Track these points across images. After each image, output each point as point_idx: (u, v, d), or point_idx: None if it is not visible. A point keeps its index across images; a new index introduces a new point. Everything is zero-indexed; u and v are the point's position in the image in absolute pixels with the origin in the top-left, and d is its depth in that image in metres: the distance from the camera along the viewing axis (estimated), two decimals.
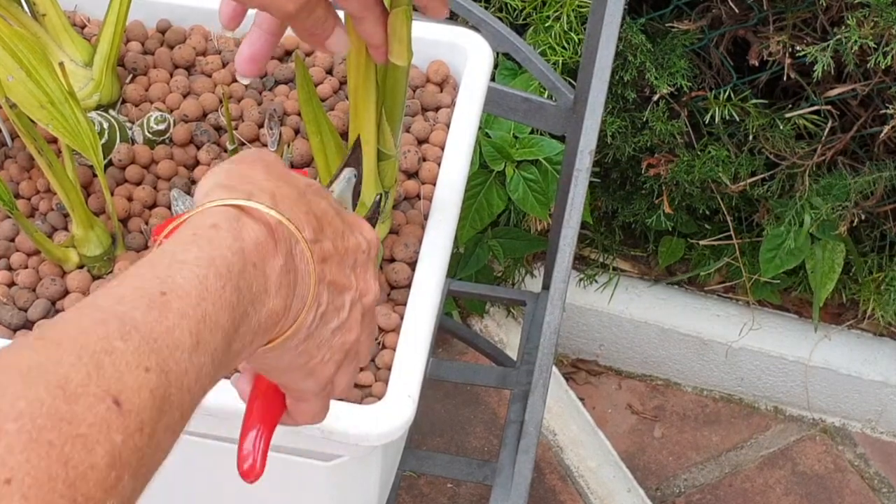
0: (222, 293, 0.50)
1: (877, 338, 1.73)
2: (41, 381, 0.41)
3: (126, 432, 0.43)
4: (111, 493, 0.42)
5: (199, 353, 0.48)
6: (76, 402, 0.42)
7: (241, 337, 0.51)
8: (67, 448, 0.40)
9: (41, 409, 0.41)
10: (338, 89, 0.95)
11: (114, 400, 0.43)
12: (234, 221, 0.53)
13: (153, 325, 0.46)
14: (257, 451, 0.62)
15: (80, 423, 0.41)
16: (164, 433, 0.45)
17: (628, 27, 1.47)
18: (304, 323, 0.56)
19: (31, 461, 0.39)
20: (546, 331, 1.03)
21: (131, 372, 0.44)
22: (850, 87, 1.48)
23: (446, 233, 0.84)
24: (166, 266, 0.49)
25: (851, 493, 1.67)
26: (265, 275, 0.53)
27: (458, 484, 1.65)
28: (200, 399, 0.49)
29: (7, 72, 0.75)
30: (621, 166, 1.67)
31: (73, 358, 0.43)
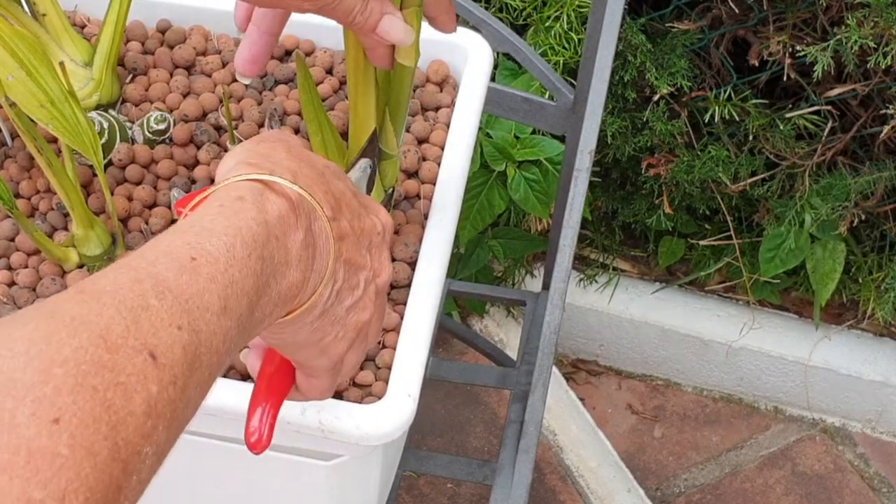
0: (248, 261, 0.52)
1: (877, 338, 1.73)
2: (84, 330, 0.43)
3: (161, 384, 0.45)
4: (148, 440, 0.44)
5: (226, 316, 0.50)
6: (116, 352, 0.44)
7: (263, 306, 0.53)
8: (109, 394, 0.42)
9: (85, 356, 0.43)
10: (338, 89, 0.95)
11: (150, 353, 0.45)
12: (259, 195, 0.55)
13: (184, 287, 0.48)
14: (264, 425, 0.64)
15: (120, 372, 0.43)
16: (194, 389, 0.47)
17: (628, 27, 1.47)
18: (321, 298, 0.58)
19: (77, 403, 0.41)
20: (546, 331, 1.03)
21: (165, 329, 0.46)
22: (851, 88, 1.48)
23: (446, 232, 0.84)
24: (195, 233, 0.51)
25: (851, 493, 1.67)
26: (286, 248, 0.55)
27: (458, 484, 1.65)
28: (227, 362, 0.51)
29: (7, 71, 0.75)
30: (621, 166, 1.67)
31: (113, 311, 0.45)
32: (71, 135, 0.78)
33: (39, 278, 0.83)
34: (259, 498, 0.88)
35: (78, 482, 0.40)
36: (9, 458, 0.39)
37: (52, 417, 0.41)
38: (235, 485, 0.88)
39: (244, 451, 0.81)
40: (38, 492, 0.39)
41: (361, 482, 0.86)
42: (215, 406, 0.76)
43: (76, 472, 0.40)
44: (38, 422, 0.40)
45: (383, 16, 0.68)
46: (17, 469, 0.39)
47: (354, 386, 0.79)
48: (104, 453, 0.42)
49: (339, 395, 0.79)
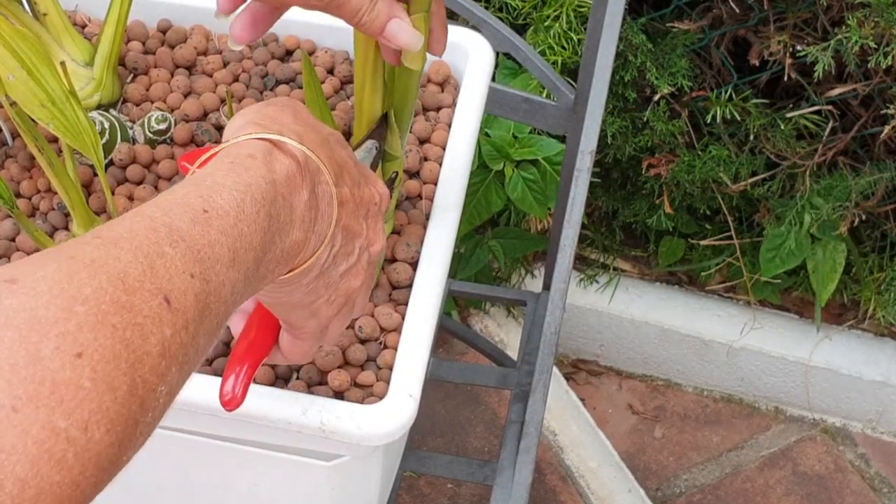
0: (257, 217, 0.53)
1: (878, 338, 1.73)
2: (103, 272, 0.45)
3: (174, 328, 0.46)
4: (162, 379, 0.46)
5: (234, 269, 0.52)
6: (134, 294, 0.45)
7: (267, 262, 0.55)
8: (128, 333, 0.44)
9: (105, 296, 0.44)
10: (339, 89, 0.95)
11: (165, 297, 0.46)
12: (268, 154, 0.57)
13: (197, 238, 0.50)
14: (237, 388, 0.66)
15: (137, 313, 0.45)
16: (203, 336, 0.49)
17: (629, 27, 1.47)
18: (320, 259, 0.60)
19: (98, 339, 0.43)
20: (546, 331, 1.03)
21: (179, 276, 0.48)
22: (851, 87, 1.48)
23: (448, 233, 0.84)
24: (208, 187, 0.53)
25: (852, 493, 1.67)
26: (291, 206, 0.57)
27: (458, 484, 1.65)
28: (232, 311, 0.53)
29: (8, 71, 0.75)
30: (622, 166, 1.67)
31: (130, 256, 0.46)
32: (72, 134, 0.78)
33: None
34: (259, 498, 0.88)
35: (100, 414, 0.42)
36: (35, 388, 0.40)
37: (76, 352, 0.42)
38: (235, 485, 0.88)
39: (245, 451, 0.81)
40: (62, 420, 0.41)
41: (362, 482, 0.86)
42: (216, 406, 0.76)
43: (98, 405, 0.42)
44: (62, 355, 0.42)
45: (391, 18, 0.68)
46: (42, 399, 0.40)
47: (356, 386, 0.79)
48: (123, 388, 0.43)
49: (341, 396, 0.79)
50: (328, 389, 0.79)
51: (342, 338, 0.81)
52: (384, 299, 0.83)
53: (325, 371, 0.80)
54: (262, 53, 0.97)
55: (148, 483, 0.91)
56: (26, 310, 0.42)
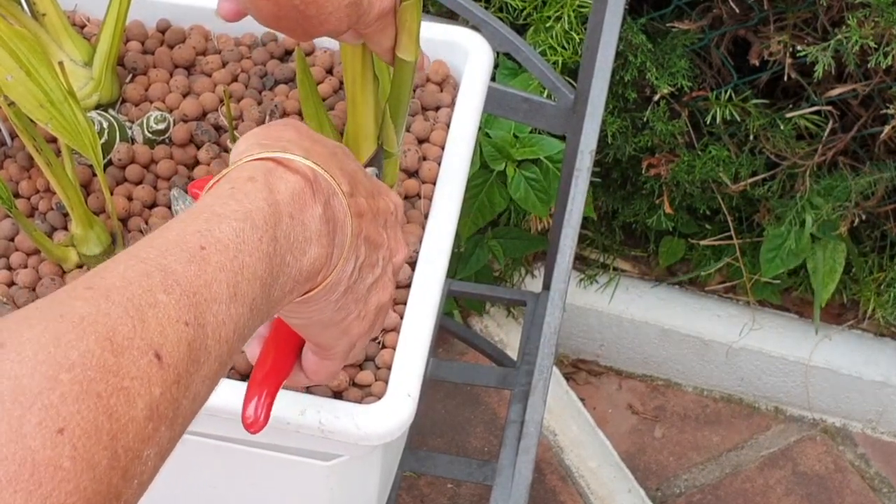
0: (259, 245, 0.52)
1: (877, 338, 1.73)
2: (92, 332, 0.44)
3: (164, 385, 0.45)
4: (149, 443, 0.44)
5: (236, 304, 0.50)
6: (122, 354, 0.44)
7: (281, 286, 0.54)
8: (113, 401, 0.43)
9: (91, 360, 0.43)
10: (338, 89, 0.95)
11: (155, 354, 0.45)
12: (269, 174, 0.55)
13: (193, 280, 0.48)
14: (260, 412, 0.66)
15: (124, 376, 0.44)
16: (200, 384, 0.48)
17: (629, 27, 1.47)
18: (345, 273, 0.59)
19: (81, 412, 0.42)
20: (546, 331, 1.03)
21: (172, 326, 0.46)
22: (851, 88, 1.48)
23: (447, 232, 0.84)
24: (205, 220, 0.52)
25: (852, 493, 1.67)
26: (304, 224, 0.55)
27: (458, 484, 1.65)
28: (240, 346, 0.51)
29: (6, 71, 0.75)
30: (622, 166, 1.67)
31: (121, 310, 0.45)
32: (70, 134, 0.78)
33: (39, 278, 0.83)
34: (259, 498, 0.88)
35: (76, 495, 0.41)
36: (15, 469, 0.40)
37: (58, 427, 0.41)
38: (235, 485, 0.88)
39: (244, 451, 0.81)
40: None
41: (361, 482, 0.86)
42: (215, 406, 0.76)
43: (75, 485, 0.41)
44: (44, 432, 0.41)
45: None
46: (21, 482, 0.40)
47: (354, 386, 0.79)
48: (103, 463, 0.42)
49: (339, 395, 0.79)
50: (326, 389, 0.79)
51: None
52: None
53: None
54: (260, 53, 0.97)
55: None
56: (11, 378, 0.41)
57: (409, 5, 0.70)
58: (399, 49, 0.72)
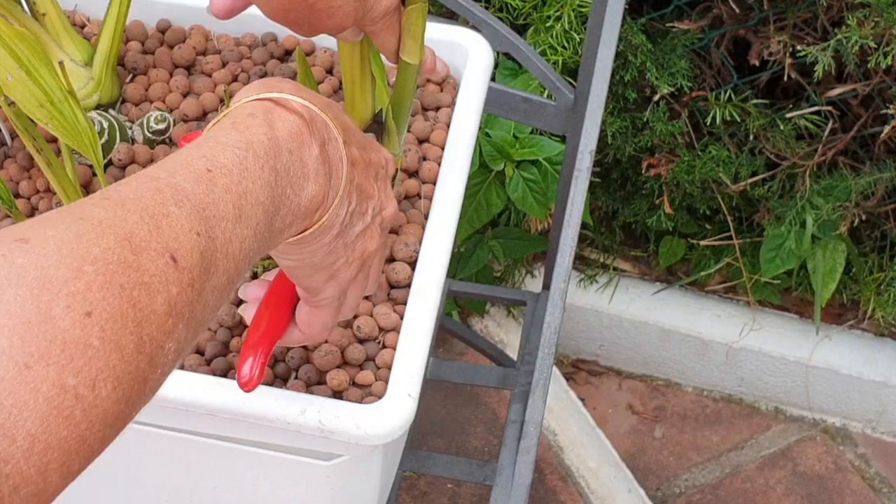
0: (261, 173, 0.55)
1: (877, 338, 1.73)
2: (111, 232, 0.46)
3: (180, 286, 0.48)
4: (170, 336, 0.47)
5: (241, 225, 0.53)
6: (141, 253, 0.47)
7: (282, 217, 0.57)
8: (135, 293, 0.45)
9: (112, 256, 0.45)
10: (338, 89, 0.95)
11: (171, 256, 0.48)
12: (269, 112, 0.58)
13: (201, 197, 0.51)
14: (254, 370, 0.67)
15: (144, 273, 0.46)
16: (210, 293, 0.51)
17: (629, 27, 1.47)
18: (339, 216, 0.61)
19: (106, 299, 0.44)
20: (546, 331, 1.03)
21: (185, 234, 0.49)
22: (851, 87, 1.48)
23: (447, 232, 0.84)
24: (209, 147, 0.54)
25: (852, 493, 1.67)
26: (302, 160, 0.58)
27: (458, 484, 1.65)
28: (245, 268, 0.54)
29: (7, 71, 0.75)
30: (622, 166, 1.67)
31: (137, 217, 0.48)
32: (70, 134, 0.78)
33: None
34: (259, 498, 0.88)
35: (107, 372, 0.44)
36: (46, 346, 0.42)
37: (85, 311, 0.43)
38: (235, 485, 0.88)
39: (244, 451, 0.81)
40: (71, 378, 0.42)
41: (361, 482, 0.86)
42: (216, 406, 0.76)
43: (105, 363, 0.44)
44: (72, 314, 0.43)
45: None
46: (53, 357, 0.42)
47: (354, 386, 0.79)
48: (131, 346, 0.45)
49: (340, 395, 0.79)
50: (327, 389, 0.79)
51: (341, 337, 0.81)
52: (383, 299, 0.83)
53: (324, 371, 0.80)
54: (261, 53, 0.97)
55: (148, 483, 0.91)
56: (37, 269, 0.43)
57: (415, 9, 0.70)
58: (403, 52, 0.72)
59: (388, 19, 0.70)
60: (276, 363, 0.81)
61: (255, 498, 0.89)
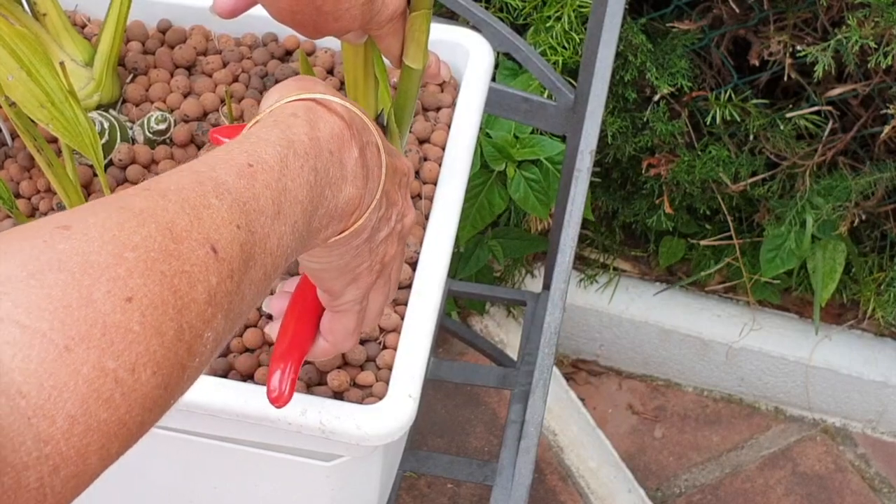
0: (301, 172, 0.55)
1: (878, 338, 1.73)
2: (152, 221, 0.46)
3: (220, 276, 0.48)
4: (209, 325, 0.47)
5: (279, 221, 0.53)
6: (181, 242, 0.47)
7: (320, 218, 0.57)
8: (176, 280, 0.46)
9: (153, 244, 0.46)
10: (339, 89, 0.95)
11: (211, 247, 0.48)
12: (311, 112, 0.58)
13: (242, 191, 0.51)
14: (284, 384, 0.67)
15: (185, 262, 0.47)
16: (248, 286, 0.51)
17: (629, 27, 1.47)
18: (371, 220, 0.61)
19: (147, 286, 0.45)
20: (546, 331, 1.03)
21: (225, 226, 0.49)
22: (851, 87, 1.48)
23: (447, 233, 0.84)
24: (252, 143, 0.55)
25: (852, 493, 1.67)
26: (342, 162, 0.58)
27: (458, 484, 1.65)
28: (282, 265, 0.54)
29: (7, 71, 0.75)
30: (622, 166, 1.67)
31: (177, 207, 0.48)
32: (71, 135, 0.78)
33: None
34: (259, 498, 0.88)
35: (147, 356, 0.44)
36: (87, 329, 0.42)
37: (126, 296, 0.44)
38: (235, 485, 0.88)
39: (245, 451, 0.81)
40: (111, 362, 0.42)
41: (362, 482, 0.86)
42: (216, 406, 0.76)
43: (146, 347, 0.44)
44: (113, 299, 0.43)
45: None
46: (93, 340, 0.42)
47: (355, 386, 0.79)
48: (170, 333, 0.45)
49: (340, 396, 0.79)
50: (327, 389, 0.79)
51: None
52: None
53: (325, 371, 0.80)
54: (261, 53, 0.97)
55: (148, 483, 0.91)
56: (79, 254, 0.44)
57: (419, 15, 0.70)
58: (407, 57, 0.72)
59: (394, 24, 0.70)
60: None
61: (255, 498, 0.89)
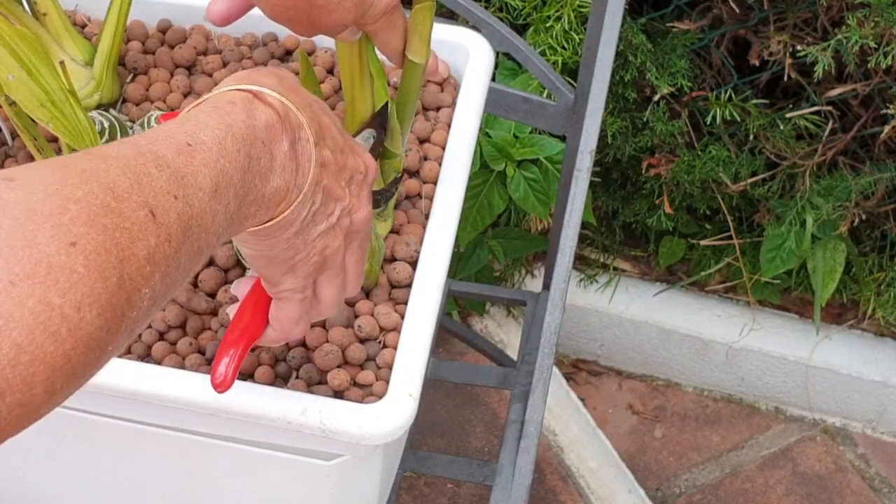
0: (237, 156, 0.56)
1: (877, 338, 1.73)
2: (94, 180, 0.48)
3: (158, 239, 0.50)
4: (147, 283, 0.49)
5: (216, 200, 0.54)
6: (122, 202, 0.48)
7: (248, 205, 0.58)
8: (117, 234, 0.47)
9: (95, 199, 0.47)
10: (338, 89, 0.95)
11: (150, 210, 0.49)
12: (248, 102, 0.59)
13: (181, 166, 0.53)
14: (229, 370, 0.69)
15: (125, 219, 0.48)
16: (185, 256, 0.52)
17: (629, 27, 1.47)
18: (299, 216, 0.62)
19: (90, 234, 0.46)
20: (546, 331, 1.03)
21: (163, 195, 0.51)
22: (851, 87, 1.48)
23: (447, 232, 0.84)
24: (192, 125, 0.56)
25: (852, 493, 1.67)
26: (272, 153, 0.59)
27: (458, 484, 1.65)
28: (214, 244, 0.56)
29: (7, 70, 0.75)
30: (622, 166, 1.67)
31: (118, 171, 0.49)
32: (71, 134, 0.78)
33: None
34: (259, 498, 0.88)
35: (91, 298, 0.45)
36: (31, 268, 0.44)
37: (69, 241, 0.45)
38: (235, 485, 0.88)
39: (245, 450, 0.81)
40: (57, 298, 0.44)
41: (362, 482, 0.86)
42: (216, 406, 0.76)
43: (90, 289, 0.45)
44: (57, 242, 0.45)
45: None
46: (38, 277, 0.44)
47: (355, 386, 0.79)
48: (113, 280, 0.47)
49: (341, 395, 0.79)
50: (328, 389, 0.79)
51: (342, 337, 0.81)
52: (384, 298, 0.83)
53: (325, 370, 0.80)
54: (261, 53, 0.97)
55: (148, 482, 0.91)
56: (22, 203, 0.45)
57: (423, 8, 0.70)
58: (410, 51, 0.72)
59: (389, 17, 0.70)
60: (277, 363, 0.81)
61: (255, 498, 0.89)
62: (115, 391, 0.77)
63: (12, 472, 0.95)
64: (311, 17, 0.67)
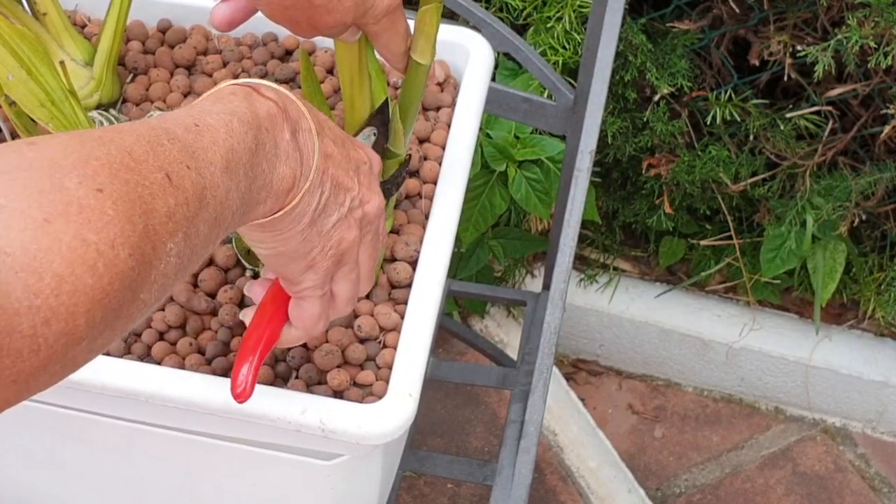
0: (245, 137, 0.57)
1: (878, 338, 1.73)
2: (112, 144, 0.49)
3: (177, 200, 0.50)
4: (171, 238, 0.50)
5: (228, 175, 0.55)
6: (140, 164, 0.49)
7: (258, 189, 0.58)
8: (139, 189, 0.48)
9: (115, 159, 0.48)
10: (338, 88, 0.95)
11: (167, 174, 0.50)
12: (248, 95, 0.60)
13: (191, 142, 0.54)
14: (248, 378, 0.68)
15: (144, 178, 0.49)
16: (202, 223, 0.53)
17: (629, 27, 1.47)
18: (310, 203, 0.63)
19: (114, 184, 0.47)
20: (546, 331, 1.03)
21: (177, 163, 0.52)
22: (851, 87, 1.48)
23: (447, 232, 0.84)
24: (197, 111, 0.57)
25: (852, 493, 1.67)
26: (275, 141, 0.60)
27: (458, 484, 1.65)
28: (230, 221, 0.56)
29: (7, 70, 0.75)
30: (622, 166, 1.67)
31: (134, 139, 0.50)
32: None
33: None
34: (259, 498, 0.88)
35: (123, 238, 0.46)
36: (64, 207, 0.44)
37: (96, 187, 0.46)
38: (235, 485, 0.88)
39: (246, 450, 0.81)
40: (92, 235, 0.45)
41: (362, 482, 0.86)
42: (216, 406, 0.76)
43: (121, 230, 0.46)
44: (85, 188, 0.46)
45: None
46: (71, 216, 0.45)
47: (355, 386, 0.80)
48: (140, 227, 0.47)
49: (340, 395, 0.79)
50: (327, 388, 0.79)
51: (342, 337, 0.81)
52: (384, 298, 0.83)
53: (325, 370, 0.80)
54: (261, 53, 0.97)
55: (148, 482, 0.91)
56: (46, 159, 0.46)
57: (430, 9, 0.70)
58: (415, 52, 0.72)
59: (390, 18, 0.70)
60: (277, 363, 0.81)
61: (255, 497, 0.89)
62: (116, 391, 0.77)
63: (13, 472, 0.95)
64: (310, 18, 0.67)
